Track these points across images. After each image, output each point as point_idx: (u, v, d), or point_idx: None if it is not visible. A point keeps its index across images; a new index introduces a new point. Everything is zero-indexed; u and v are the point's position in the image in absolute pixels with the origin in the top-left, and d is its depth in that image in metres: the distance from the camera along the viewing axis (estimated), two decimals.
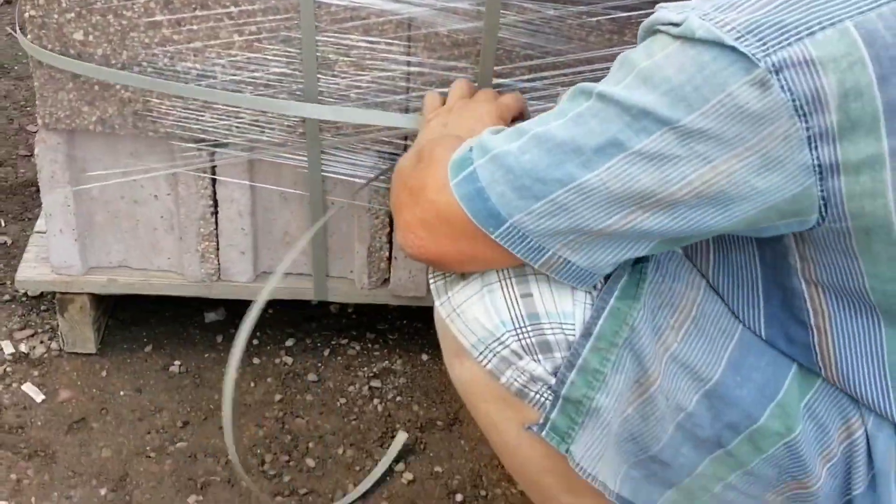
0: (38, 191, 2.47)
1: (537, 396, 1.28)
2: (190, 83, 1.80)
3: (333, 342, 2.20)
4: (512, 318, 1.28)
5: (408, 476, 1.95)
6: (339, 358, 2.17)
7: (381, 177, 1.89)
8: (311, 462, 1.96)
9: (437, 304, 1.32)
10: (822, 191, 1.13)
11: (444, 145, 1.31)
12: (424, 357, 2.18)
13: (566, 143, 1.18)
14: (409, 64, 1.79)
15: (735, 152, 1.11)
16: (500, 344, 1.27)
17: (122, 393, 2.07)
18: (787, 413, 1.30)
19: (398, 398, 2.09)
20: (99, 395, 2.06)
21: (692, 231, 1.18)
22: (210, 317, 2.23)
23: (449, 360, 1.34)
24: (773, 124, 1.09)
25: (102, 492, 1.89)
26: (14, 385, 2.06)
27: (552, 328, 1.27)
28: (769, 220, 1.17)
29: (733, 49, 1.08)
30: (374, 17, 1.75)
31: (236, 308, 2.23)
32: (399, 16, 1.74)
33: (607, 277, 1.29)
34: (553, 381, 1.27)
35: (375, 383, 2.12)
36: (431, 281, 1.33)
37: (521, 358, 1.27)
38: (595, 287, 1.29)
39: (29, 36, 1.78)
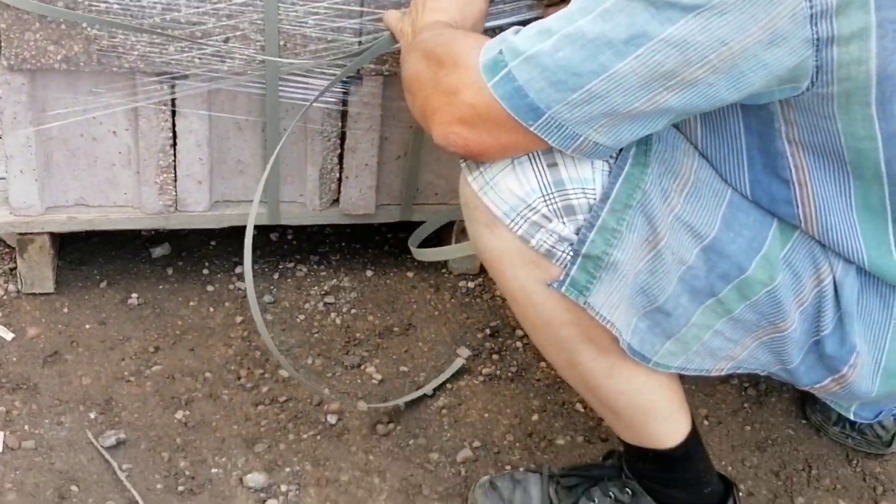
0: None
1: (563, 255, 1.45)
2: (154, 17, 1.89)
3: (280, 266, 2.32)
4: (540, 186, 1.44)
5: (377, 377, 2.10)
6: (289, 280, 2.29)
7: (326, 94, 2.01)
8: (283, 373, 2.09)
9: (469, 178, 1.48)
10: (816, 60, 1.33)
11: (460, 45, 1.45)
12: (369, 273, 2.32)
13: (597, 37, 1.34)
14: None
15: (748, 32, 1.30)
16: (530, 210, 1.44)
17: (87, 326, 2.14)
18: (770, 263, 1.51)
19: (353, 310, 2.23)
20: (65, 330, 2.13)
21: (706, 105, 1.37)
22: (157, 252, 2.31)
23: (478, 231, 1.50)
24: (782, 3, 1.28)
25: (92, 415, 1.97)
26: None
27: (575, 193, 1.44)
28: (768, 87, 1.36)
29: None
30: None
31: (179, 242, 2.33)
32: None
33: None
34: (575, 239, 1.45)
35: (329, 299, 2.25)
36: (462, 160, 1.49)
37: (550, 221, 1.44)
38: (610, 155, 1.47)
39: None
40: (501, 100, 1.38)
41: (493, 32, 1.84)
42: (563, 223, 1.45)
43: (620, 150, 1.46)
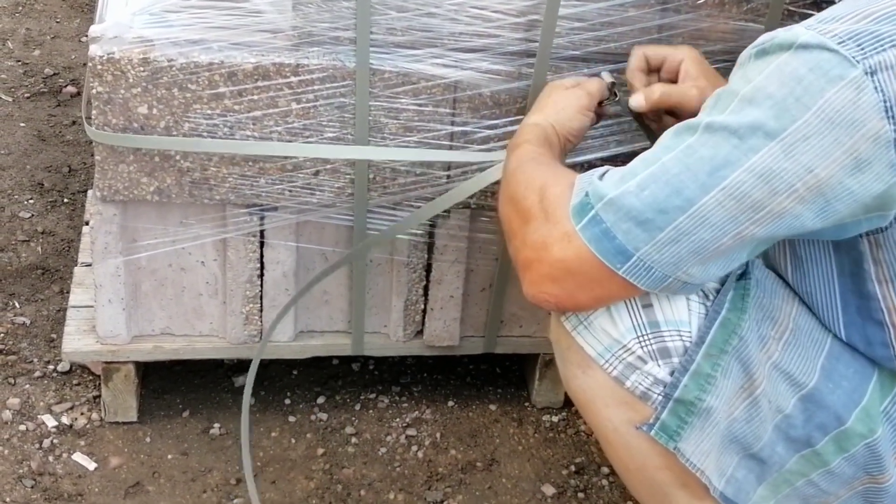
0: (43, 273, 2.53)
1: (658, 398, 1.42)
2: (247, 150, 1.91)
3: (362, 397, 2.30)
4: (635, 327, 1.42)
5: None
6: (371, 411, 2.27)
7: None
8: None
9: (561, 318, 1.46)
10: None
11: (553, 193, 1.43)
12: (451, 404, 2.29)
13: (681, 172, 1.33)
14: (453, 124, 1.94)
15: (833, 157, 1.28)
16: (626, 351, 1.42)
17: (169, 456, 2.13)
18: (870, 416, 1.46)
19: (435, 444, 2.20)
20: (148, 461, 2.12)
21: (791, 234, 1.34)
22: (239, 381, 2.31)
23: (571, 372, 1.47)
24: (865, 126, 1.26)
25: None
26: (64, 455, 2.10)
27: (671, 335, 1.42)
28: (854, 217, 1.33)
29: (835, 52, 1.25)
30: (424, 82, 1.89)
31: (261, 371, 2.32)
32: (446, 80, 1.89)
33: (717, 290, 1.44)
34: (669, 382, 1.42)
35: (411, 432, 2.22)
36: None
37: (645, 363, 1.42)
38: (707, 297, 1.44)
39: (94, 111, 1.87)
40: (589, 243, 1.36)
41: (581, 168, 1.85)
42: (659, 365, 1.42)
43: (718, 292, 1.44)
